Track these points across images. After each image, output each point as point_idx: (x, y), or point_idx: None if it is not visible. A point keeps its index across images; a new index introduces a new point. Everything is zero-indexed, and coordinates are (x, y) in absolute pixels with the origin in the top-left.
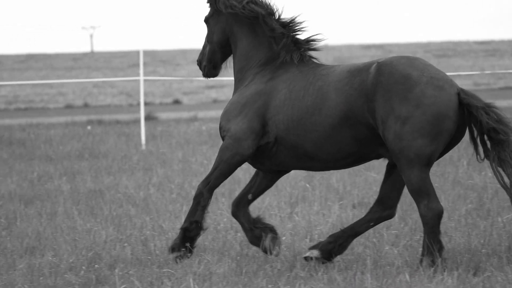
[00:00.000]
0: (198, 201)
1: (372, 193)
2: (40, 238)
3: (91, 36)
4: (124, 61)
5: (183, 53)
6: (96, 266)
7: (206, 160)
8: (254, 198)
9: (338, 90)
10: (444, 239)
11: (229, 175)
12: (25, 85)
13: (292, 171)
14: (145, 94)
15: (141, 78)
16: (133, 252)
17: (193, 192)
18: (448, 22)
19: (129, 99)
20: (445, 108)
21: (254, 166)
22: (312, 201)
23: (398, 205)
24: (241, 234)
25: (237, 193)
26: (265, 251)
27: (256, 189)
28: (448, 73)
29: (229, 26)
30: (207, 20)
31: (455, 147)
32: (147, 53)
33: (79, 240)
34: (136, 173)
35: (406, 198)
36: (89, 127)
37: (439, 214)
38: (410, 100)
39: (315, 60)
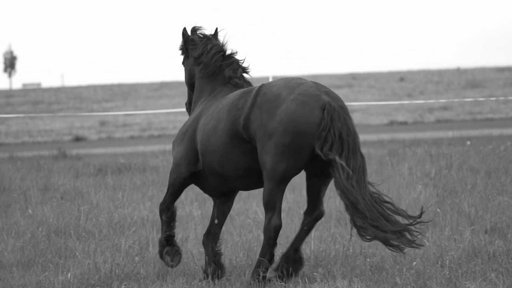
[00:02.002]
0: (161, 217)
1: (505, 218)
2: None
3: None
4: None
5: (313, 78)
6: None
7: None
8: (220, 222)
9: (228, 112)
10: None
11: (179, 194)
12: (158, 113)
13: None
14: None
15: None
16: (263, 277)
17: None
18: None
19: None
20: (304, 124)
21: (204, 192)
22: (443, 226)
23: None
24: (370, 260)
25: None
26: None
27: (217, 213)
28: None
29: (192, 67)
30: (182, 64)
31: None
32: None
33: None
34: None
35: None
36: None
37: (276, 229)
38: (276, 116)
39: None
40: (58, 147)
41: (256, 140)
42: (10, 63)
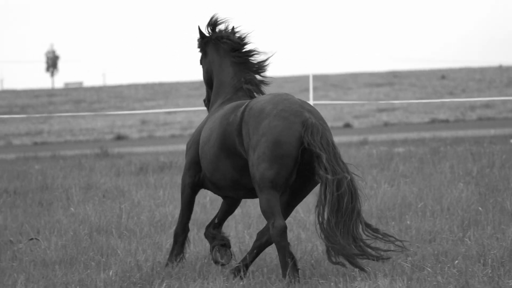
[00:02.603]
0: (175, 240)
1: None
2: (212, 262)
3: None
4: (295, 86)
5: (354, 76)
6: None
7: (376, 183)
8: (219, 221)
9: (220, 124)
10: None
11: (190, 208)
12: (199, 111)
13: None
14: None
15: (311, 102)
16: (303, 276)
17: (365, 216)
18: None
19: None
20: (284, 135)
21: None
22: (485, 225)
23: None
24: (411, 258)
25: (407, 217)
26: (216, 262)
27: (220, 214)
28: None
29: (210, 66)
30: (200, 62)
31: None
32: (318, 77)
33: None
34: (306, 197)
35: None
36: None
37: (281, 230)
38: (259, 130)
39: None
40: (100, 146)
41: (247, 155)
42: (53, 63)
